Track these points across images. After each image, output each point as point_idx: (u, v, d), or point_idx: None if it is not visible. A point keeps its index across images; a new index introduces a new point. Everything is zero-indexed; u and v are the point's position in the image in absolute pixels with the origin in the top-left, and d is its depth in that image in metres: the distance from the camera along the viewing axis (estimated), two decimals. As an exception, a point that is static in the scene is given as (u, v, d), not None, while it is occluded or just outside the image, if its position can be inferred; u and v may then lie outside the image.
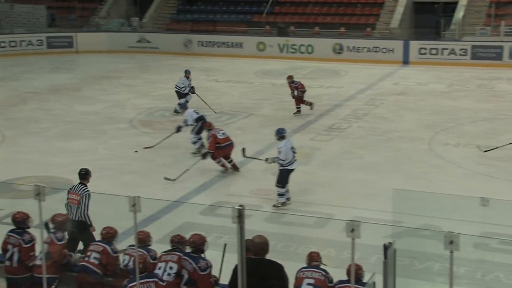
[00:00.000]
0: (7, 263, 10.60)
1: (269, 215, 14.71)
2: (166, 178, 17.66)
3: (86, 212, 12.60)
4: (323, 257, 9.92)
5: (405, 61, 36.09)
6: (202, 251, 9.90)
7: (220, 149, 18.25)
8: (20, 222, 10.91)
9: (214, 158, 18.22)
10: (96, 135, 22.75)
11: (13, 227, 10.80)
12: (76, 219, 12.26)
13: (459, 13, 37.34)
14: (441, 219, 10.84)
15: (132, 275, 9.53)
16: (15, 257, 10.59)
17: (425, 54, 35.83)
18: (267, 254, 9.39)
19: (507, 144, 19.09)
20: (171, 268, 9.82)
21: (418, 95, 28.64)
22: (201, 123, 20.78)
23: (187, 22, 42.56)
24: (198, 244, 9.88)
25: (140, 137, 22.74)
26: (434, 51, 35.72)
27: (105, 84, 31.71)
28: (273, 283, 9.32)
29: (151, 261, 10.12)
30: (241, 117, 25.17)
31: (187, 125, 20.95)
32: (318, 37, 38.46)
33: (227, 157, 18.53)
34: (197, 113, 21.35)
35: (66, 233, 10.98)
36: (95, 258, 10.23)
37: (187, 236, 10.40)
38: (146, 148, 21.00)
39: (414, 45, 36.21)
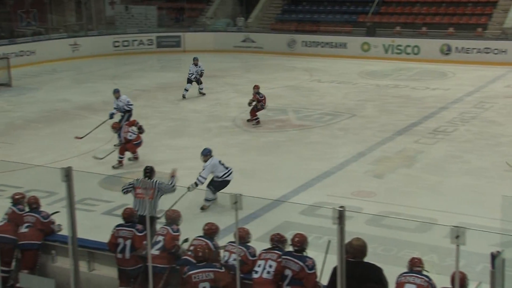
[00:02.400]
0: (119, 255, 10.94)
1: (371, 218, 14.54)
2: (95, 157, 18.86)
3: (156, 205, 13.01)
4: (425, 262, 9.75)
5: (519, 63, 35.17)
6: (305, 250, 9.88)
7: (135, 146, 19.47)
8: (128, 217, 11.30)
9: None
10: (200, 132, 22.96)
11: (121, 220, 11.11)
12: (148, 213, 12.34)
13: None
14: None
15: (233, 271, 9.58)
16: (127, 250, 10.92)
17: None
18: (365, 257, 9.30)
19: None
20: (270, 266, 9.83)
21: (532, 98, 27.92)
22: (128, 116, 21.88)
23: (292, 22, 42.56)
24: (303, 244, 9.87)
25: (243, 135, 22.91)
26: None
27: (210, 83, 31.89)
28: (372, 286, 9.22)
29: (250, 258, 10.19)
30: (344, 118, 24.98)
31: (120, 111, 22.20)
32: (425, 37, 37.92)
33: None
34: (129, 104, 22.29)
35: (179, 226, 11.14)
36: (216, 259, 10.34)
37: (287, 235, 10.39)
38: (76, 138, 21.35)
39: (529, 45, 35.39)
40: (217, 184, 15.50)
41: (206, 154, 15.62)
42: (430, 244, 13.30)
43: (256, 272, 9.91)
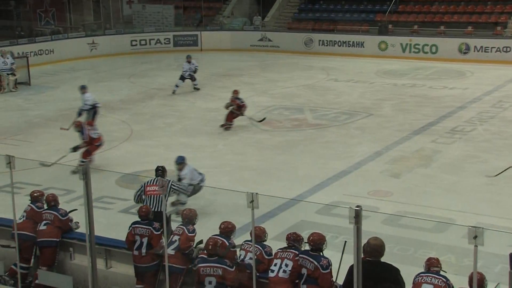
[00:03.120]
0: (136, 253, 11.03)
1: (387, 217, 14.50)
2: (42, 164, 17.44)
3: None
4: (442, 263, 9.73)
5: (537, 62, 35.01)
6: (321, 250, 9.87)
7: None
8: (145, 215, 11.35)
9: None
10: (216, 132, 22.98)
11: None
12: (164, 210, 12.33)
13: None
14: None
15: (249, 270, 9.60)
16: (144, 247, 11.00)
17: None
18: (382, 257, 9.28)
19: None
20: (286, 265, 9.84)
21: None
22: (93, 112, 22.38)
23: (309, 21, 42.56)
24: (318, 243, 9.86)
25: (259, 134, 22.85)
26: None
27: (226, 82, 31.95)
28: (389, 286, 9.20)
29: (266, 257, 10.21)
30: (360, 117, 24.94)
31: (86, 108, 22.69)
32: (443, 36, 37.79)
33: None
34: (94, 104, 22.83)
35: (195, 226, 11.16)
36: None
37: (303, 234, 10.38)
38: (61, 129, 21.52)
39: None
40: (192, 190, 14.96)
41: (181, 162, 15.13)
42: (447, 245, 13.27)
43: (273, 271, 9.91)
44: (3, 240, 12.47)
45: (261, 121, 23.33)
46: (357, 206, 7.38)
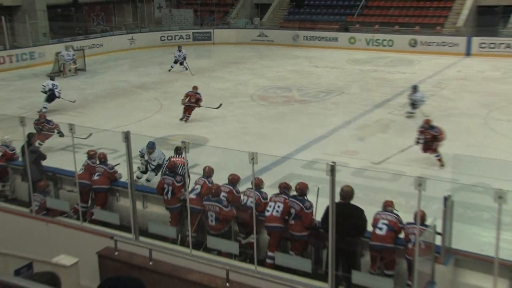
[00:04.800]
0: (165, 197, 11.24)
1: (355, 171, 14.54)
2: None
3: None
4: (395, 204, 9.80)
5: (467, 53, 34.76)
6: (305, 195, 9.97)
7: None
8: (172, 168, 11.65)
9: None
10: (225, 105, 22.85)
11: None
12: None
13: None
14: (492, 179, 10.51)
15: (250, 210, 9.68)
16: (169, 193, 11.17)
17: (484, 47, 34.49)
18: (352, 200, 9.34)
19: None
20: (279, 207, 9.97)
21: (477, 80, 27.63)
22: (49, 95, 21.68)
23: (296, 21, 42.30)
24: (303, 190, 10.06)
25: (258, 108, 22.81)
26: (492, 45, 34.29)
27: (233, 68, 31.92)
28: (355, 222, 9.28)
29: (263, 200, 10.39)
30: (335, 95, 24.84)
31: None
32: (397, 33, 37.51)
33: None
34: (57, 94, 21.95)
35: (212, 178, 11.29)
36: (224, 196, 10.49)
37: (291, 183, 10.45)
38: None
39: (476, 40, 34.84)
40: (159, 169, 14.09)
41: (152, 147, 14.03)
42: (399, 190, 13.29)
43: (268, 211, 10.04)
44: (68, 186, 12.73)
45: (218, 107, 21.05)
46: (332, 162, 7.40)
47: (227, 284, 7.96)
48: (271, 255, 9.74)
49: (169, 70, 30.74)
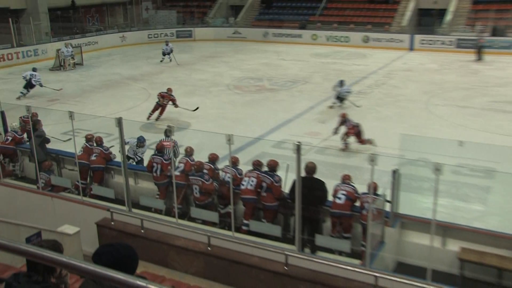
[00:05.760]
0: (154, 174, 11.19)
1: (318, 149, 14.61)
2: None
3: None
4: (352, 177, 9.87)
5: (411, 48, 34.98)
6: (275, 171, 9.99)
7: None
8: (160, 149, 11.51)
9: None
10: (205, 94, 22.83)
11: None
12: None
13: (448, 16, 36.38)
14: (431, 154, 10.61)
15: (228, 184, 9.69)
16: (158, 170, 11.14)
17: (424, 44, 34.77)
18: (315, 174, 9.37)
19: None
20: (252, 181, 9.96)
21: (419, 71, 27.82)
22: (26, 83, 22.38)
23: (266, 20, 42.05)
24: (273, 166, 10.05)
25: (233, 96, 22.72)
26: (431, 42, 34.61)
27: (211, 61, 31.74)
28: (318, 193, 9.32)
29: (239, 176, 10.38)
30: (300, 84, 24.83)
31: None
32: (353, 31, 37.54)
33: None
34: (33, 83, 22.55)
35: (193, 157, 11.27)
36: (205, 172, 10.50)
37: (263, 161, 10.45)
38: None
39: (417, 37, 35.11)
40: (142, 163, 13.16)
41: (143, 141, 13.10)
42: (355, 165, 13.42)
43: (243, 185, 10.03)
44: (70, 166, 12.65)
45: (194, 110, 19.33)
46: (298, 142, 7.42)
47: (209, 248, 7.98)
48: (246, 222, 9.76)
49: (161, 61, 31.00)
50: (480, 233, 8.90)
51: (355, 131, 15.23)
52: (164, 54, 31.08)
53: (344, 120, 15.43)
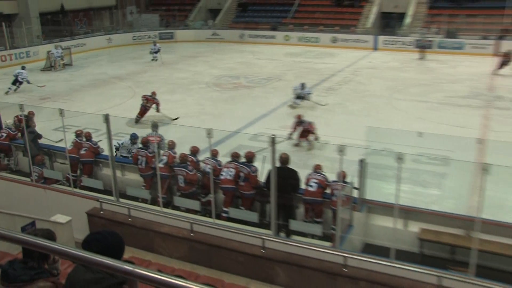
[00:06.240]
0: (140, 166, 11.17)
1: (291, 141, 14.64)
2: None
3: None
4: (323, 167, 9.92)
5: (375, 48, 35.22)
6: (252, 162, 10.01)
7: None
8: (145, 143, 11.47)
9: None
10: (186, 91, 22.71)
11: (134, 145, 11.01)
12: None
13: (408, 19, 36.74)
14: (394, 145, 10.69)
15: (208, 175, 9.68)
16: (143, 163, 11.11)
17: (387, 44, 35.01)
18: (289, 164, 9.40)
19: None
20: (231, 171, 9.97)
21: (382, 69, 28.01)
22: (13, 80, 22.90)
23: (242, 23, 41.89)
24: (250, 158, 10.07)
25: (212, 93, 22.61)
26: (393, 42, 34.85)
27: (191, 61, 31.56)
28: (292, 181, 9.36)
29: (218, 167, 10.36)
30: (274, 81, 24.82)
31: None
32: (322, 32, 37.59)
33: None
34: (19, 80, 22.85)
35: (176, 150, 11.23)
36: (190, 165, 10.50)
37: (241, 152, 10.46)
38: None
39: (381, 38, 35.36)
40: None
41: (136, 137, 12.79)
42: (326, 156, 13.48)
43: (222, 175, 10.03)
44: (61, 159, 12.54)
45: (174, 119, 17.77)
46: (273, 135, 7.43)
47: (192, 234, 7.97)
48: (226, 210, 9.78)
49: (152, 60, 30.98)
50: (437, 215, 9.06)
51: (313, 128, 15.15)
52: (151, 53, 31.11)
53: (300, 121, 15.40)
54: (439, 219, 8.93)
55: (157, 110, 17.93)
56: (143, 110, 17.85)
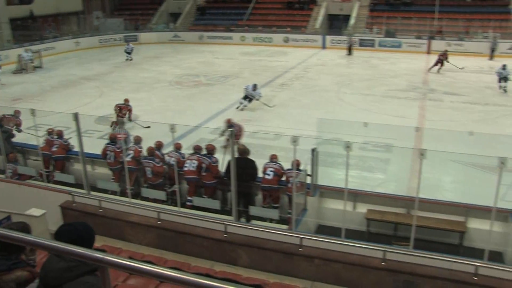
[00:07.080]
0: (108, 160, 11.03)
1: (249, 134, 14.59)
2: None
3: None
4: (278, 156, 9.97)
5: (323, 47, 35.50)
6: (213, 153, 9.97)
7: None
8: (112, 139, 11.32)
9: None
10: (150, 90, 22.41)
11: (106, 141, 10.82)
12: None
13: (352, 21, 37.21)
14: (343, 135, 10.82)
15: (172, 167, 9.59)
16: (112, 157, 10.98)
17: (334, 43, 35.32)
18: (247, 155, 9.41)
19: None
20: (194, 163, 9.93)
21: (330, 66, 28.31)
22: None
23: (201, 25, 41.62)
24: (211, 150, 10.04)
25: (174, 91, 22.36)
26: (339, 41, 35.13)
27: (155, 61, 31.15)
28: (249, 171, 9.38)
29: (182, 159, 10.29)
30: (232, 79, 24.74)
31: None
32: (275, 33, 37.68)
33: None
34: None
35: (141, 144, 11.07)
36: (156, 158, 10.45)
37: (202, 145, 10.41)
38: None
39: (328, 38, 35.67)
40: None
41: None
42: (280, 146, 13.51)
43: (186, 166, 9.99)
44: (34, 156, 12.23)
45: (146, 127, 14.53)
46: (230, 129, 7.42)
47: (159, 222, 7.90)
48: (190, 199, 9.73)
49: (126, 59, 30.91)
50: (381, 196, 9.25)
51: (241, 133, 13.80)
52: (126, 52, 31.06)
53: (230, 125, 14.76)
54: (383, 200, 9.13)
55: (129, 118, 16.34)
56: (121, 117, 16.07)
